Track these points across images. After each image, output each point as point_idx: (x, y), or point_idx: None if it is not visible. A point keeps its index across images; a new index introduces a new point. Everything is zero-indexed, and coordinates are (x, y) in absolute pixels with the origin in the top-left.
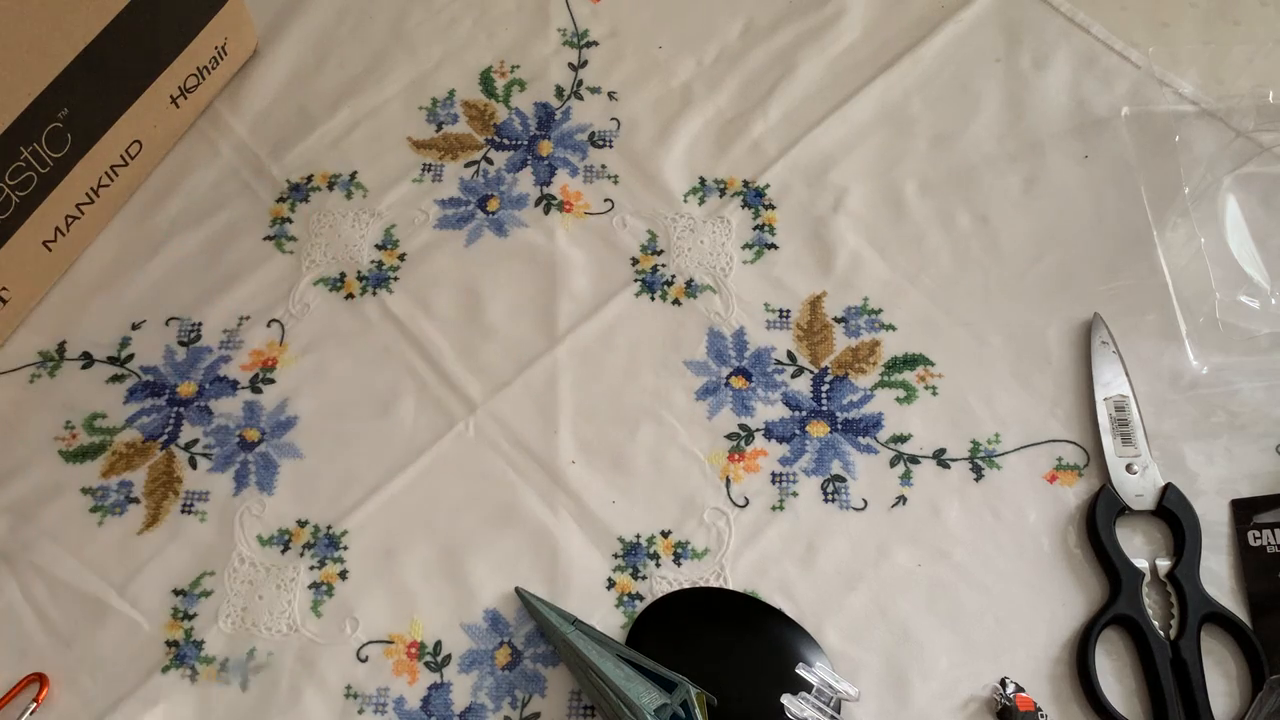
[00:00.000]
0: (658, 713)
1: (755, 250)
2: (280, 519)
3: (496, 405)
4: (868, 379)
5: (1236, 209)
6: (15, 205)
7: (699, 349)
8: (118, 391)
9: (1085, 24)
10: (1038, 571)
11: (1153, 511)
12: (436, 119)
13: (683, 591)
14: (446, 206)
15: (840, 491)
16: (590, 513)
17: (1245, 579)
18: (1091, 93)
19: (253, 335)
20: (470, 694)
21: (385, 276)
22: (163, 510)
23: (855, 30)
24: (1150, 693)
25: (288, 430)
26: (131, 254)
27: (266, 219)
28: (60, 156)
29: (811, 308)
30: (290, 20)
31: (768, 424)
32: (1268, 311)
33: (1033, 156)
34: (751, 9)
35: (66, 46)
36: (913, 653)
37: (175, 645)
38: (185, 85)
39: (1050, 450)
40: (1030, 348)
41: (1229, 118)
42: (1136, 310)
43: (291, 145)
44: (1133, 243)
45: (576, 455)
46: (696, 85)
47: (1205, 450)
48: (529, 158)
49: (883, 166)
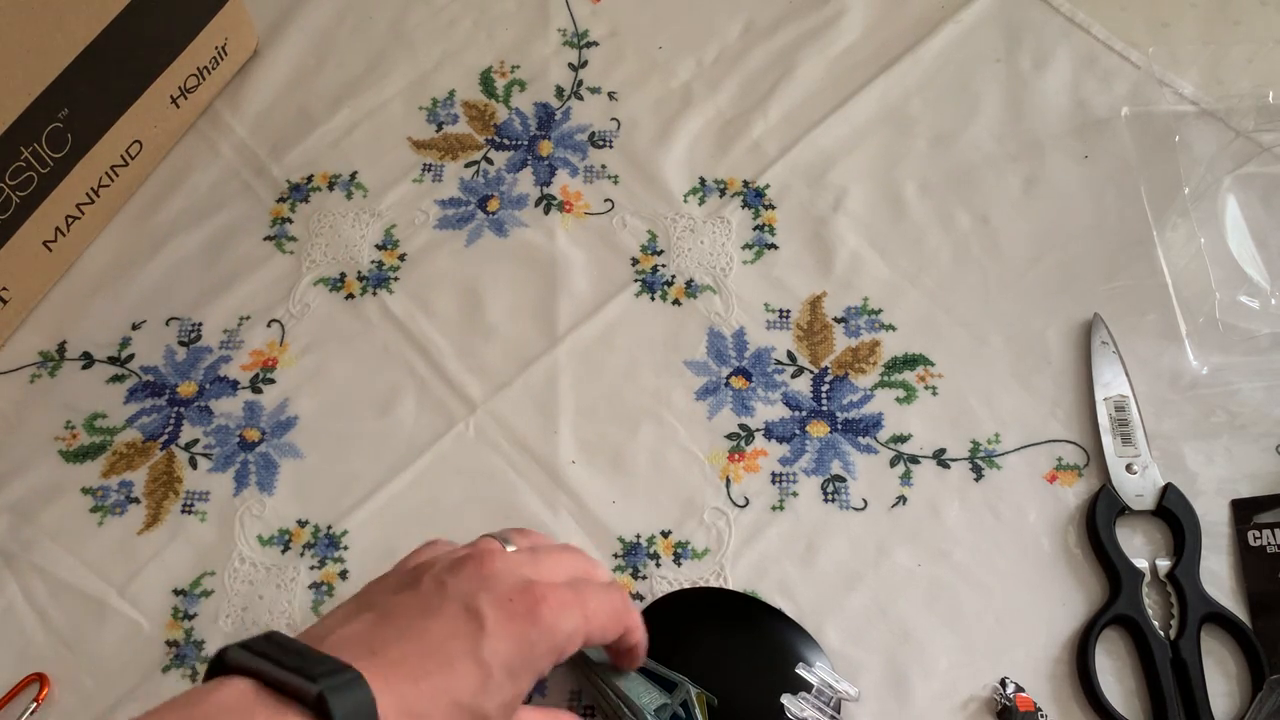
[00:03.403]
0: (658, 713)
1: (755, 250)
2: (280, 519)
3: (496, 405)
4: (868, 379)
5: (1236, 209)
6: (15, 205)
7: (699, 349)
8: (118, 391)
9: (1085, 24)
10: (1038, 571)
11: (1153, 511)
12: (436, 119)
13: (683, 591)
14: (446, 206)
15: (840, 491)
16: (590, 513)
17: (1245, 579)
18: (1091, 93)
19: (253, 335)
20: None
21: (385, 276)
22: (163, 510)
23: (855, 30)
24: (1150, 693)
25: (288, 430)
26: (131, 254)
27: (266, 219)
28: (60, 156)
29: (811, 308)
30: (290, 20)
31: (768, 424)
32: (1268, 311)
33: (1033, 156)
34: (751, 9)
35: (66, 46)
36: (913, 653)
37: (175, 645)
38: (185, 85)
39: (1050, 450)
40: (1030, 348)
41: (1229, 118)
42: (1136, 310)
43: (291, 145)
44: (1133, 243)
45: (576, 455)
46: (696, 85)
47: (1205, 450)
48: (529, 158)
49: (883, 166)
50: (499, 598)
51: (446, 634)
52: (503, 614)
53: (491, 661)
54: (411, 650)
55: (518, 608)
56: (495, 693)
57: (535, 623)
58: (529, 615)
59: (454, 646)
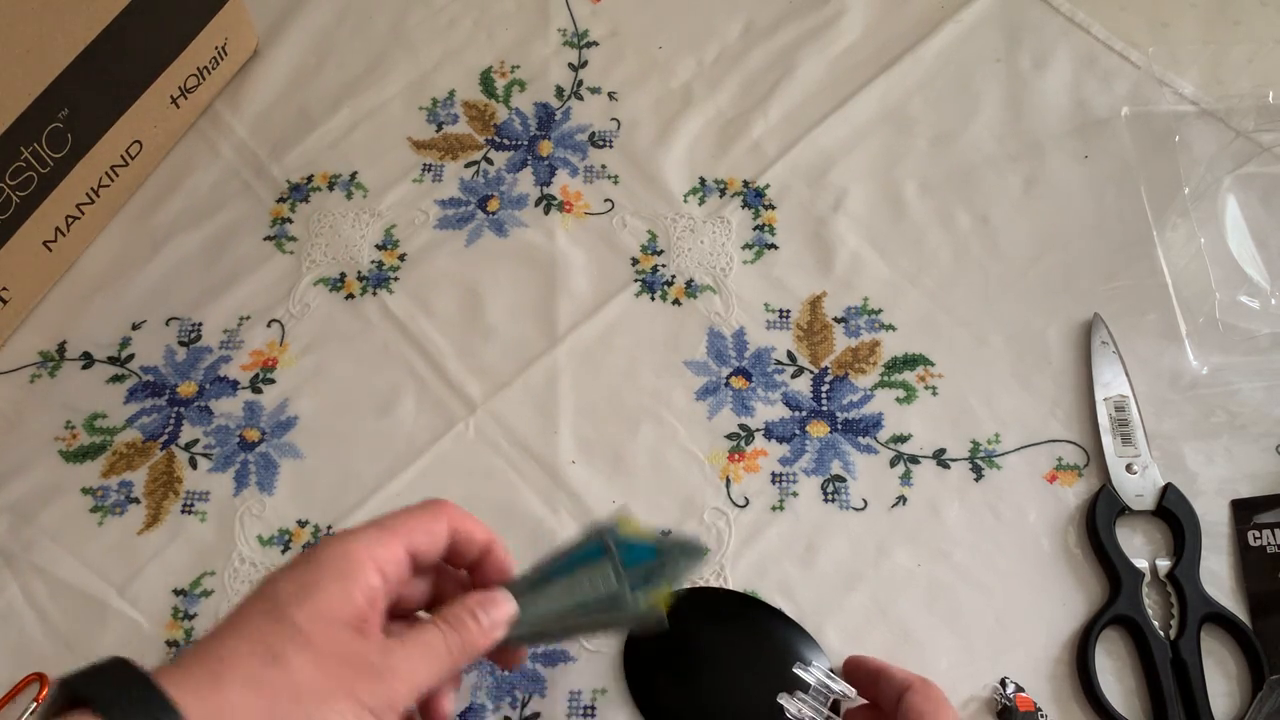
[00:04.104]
0: (619, 582)
1: (755, 250)
2: (280, 519)
3: (496, 405)
4: (868, 379)
5: (1236, 209)
6: (15, 205)
7: (699, 349)
8: (118, 391)
9: (1085, 24)
10: (1038, 571)
11: (1153, 511)
12: (436, 119)
13: (683, 591)
14: (446, 206)
15: (840, 491)
16: (590, 513)
17: (1245, 579)
18: (1091, 93)
19: (253, 335)
20: (470, 694)
21: (385, 276)
22: (163, 510)
23: (855, 30)
24: (1150, 693)
25: (288, 430)
26: (131, 254)
27: (266, 219)
28: (60, 156)
29: (811, 308)
30: (290, 20)
31: (768, 424)
32: (1268, 311)
33: (1033, 156)
34: (751, 9)
35: (66, 46)
36: (913, 653)
37: (175, 645)
38: (185, 85)
39: (1050, 450)
40: (1030, 348)
41: (1229, 118)
42: (1136, 310)
43: (291, 145)
44: (1133, 243)
45: (576, 455)
46: (696, 85)
47: (1205, 450)
48: (529, 158)
49: (883, 166)
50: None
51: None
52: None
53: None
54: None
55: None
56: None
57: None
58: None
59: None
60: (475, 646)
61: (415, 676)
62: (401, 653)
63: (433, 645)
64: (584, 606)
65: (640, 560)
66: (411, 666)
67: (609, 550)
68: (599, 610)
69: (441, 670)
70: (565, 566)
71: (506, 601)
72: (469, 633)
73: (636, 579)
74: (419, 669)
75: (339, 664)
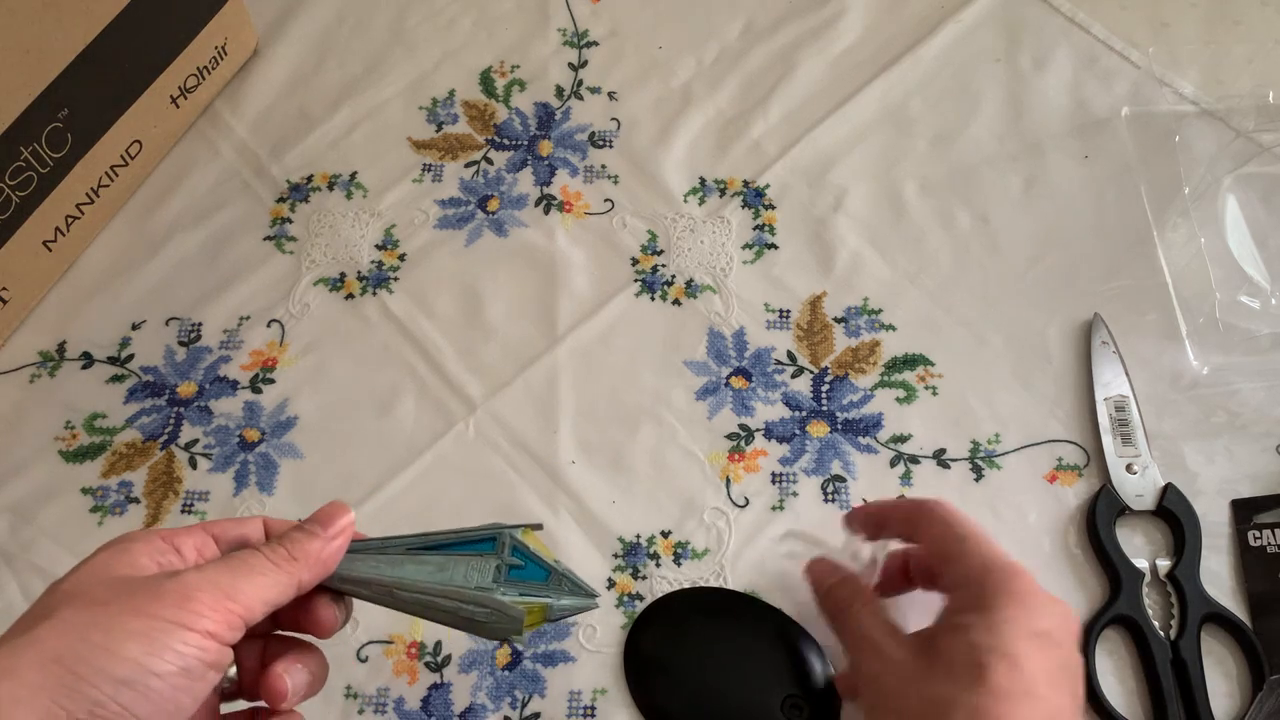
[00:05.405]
0: (496, 581)
1: (755, 250)
2: (280, 519)
3: (496, 405)
4: (868, 379)
5: (1236, 209)
6: (15, 205)
7: (699, 349)
8: (118, 391)
9: (1085, 24)
10: (1038, 571)
11: (1153, 511)
12: (436, 119)
13: (683, 591)
14: (446, 206)
15: (840, 491)
16: (590, 513)
17: (1245, 579)
18: (1091, 93)
19: (253, 335)
20: (470, 694)
21: (385, 276)
22: (163, 510)
23: (855, 30)
24: (1150, 693)
25: (288, 430)
26: (131, 254)
27: (266, 219)
28: (60, 156)
29: (811, 308)
30: (290, 20)
31: (768, 424)
32: (1268, 311)
33: (1033, 156)
34: (751, 9)
35: (66, 46)
36: None
37: None
38: (185, 85)
39: (1050, 450)
40: (1030, 348)
41: (1229, 118)
42: (1136, 310)
43: (291, 145)
44: (1133, 243)
45: (576, 455)
46: (696, 85)
47: (1205, 450)
48: (529, 158)
49: (883, 166)
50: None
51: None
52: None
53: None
54: None
55: None
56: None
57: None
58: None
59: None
60: (309, 551)
61: (222, 587)
62: (195, 573)
63: (245, 559)
64: (449, 588)
65: (527, 577)
66: (213, 579)
67: (501, 549)
68: (462, 599)
69: (266, 579)
70: (450, 545)
71: (344, 510)
72: (297, 543)
73: (513, 589)
74: (223, 579)
75: (118, 593)
